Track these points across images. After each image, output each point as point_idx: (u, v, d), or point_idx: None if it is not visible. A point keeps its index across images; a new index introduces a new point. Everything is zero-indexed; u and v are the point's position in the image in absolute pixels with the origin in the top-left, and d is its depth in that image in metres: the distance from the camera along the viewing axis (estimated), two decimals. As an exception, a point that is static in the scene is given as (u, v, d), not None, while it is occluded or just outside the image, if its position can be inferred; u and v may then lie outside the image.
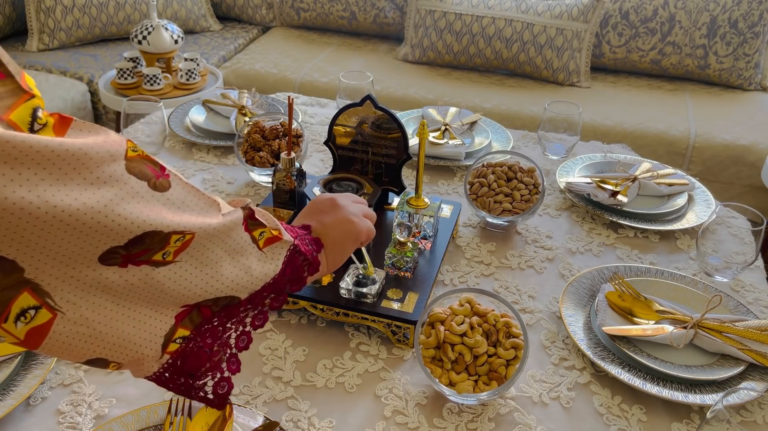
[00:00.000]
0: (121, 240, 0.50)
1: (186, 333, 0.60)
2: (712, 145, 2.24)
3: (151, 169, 0.54)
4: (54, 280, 0.49)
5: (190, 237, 0.56)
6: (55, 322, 0.51)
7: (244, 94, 1.55)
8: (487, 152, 1.39)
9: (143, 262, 0.54)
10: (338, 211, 0.78)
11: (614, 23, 2.60)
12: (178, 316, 0.59)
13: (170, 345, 0.59)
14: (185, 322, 0.60)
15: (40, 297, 0.49)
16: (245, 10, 3.12)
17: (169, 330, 0.59)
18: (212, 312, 0.61)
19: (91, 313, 0.53)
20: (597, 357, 0.90)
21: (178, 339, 0.60)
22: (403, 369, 0.89)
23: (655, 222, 1.22)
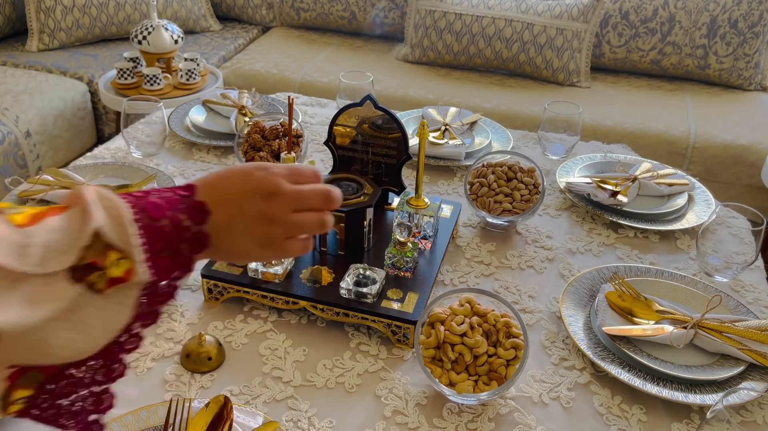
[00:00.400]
0: None
1: (29, 393, 0.47)
2: (712, 145, 2.24)
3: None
4: None
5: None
6: None
7: (244, 94, 1.55)
8: (487, 152, 1.39)
9: None
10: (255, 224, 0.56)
11: (614, 23, 2.60)
12: (11, 377, 0.46)
13: (10, 407, 0.47)
14: (23, 381, 0.46)
15: None
16: (245, 10, 3.12)
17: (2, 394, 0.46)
18: (57, 368, 0.47)
19: None
20: (597, 357, 0.90)
21: (18, 400, 0.47)
22: (403, 369, 0.89)
23: (655, 222, 1.22)
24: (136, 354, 0.89)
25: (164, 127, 1.37)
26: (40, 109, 2.33)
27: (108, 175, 1.26)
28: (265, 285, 0.95)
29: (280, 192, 0.56)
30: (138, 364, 0.87)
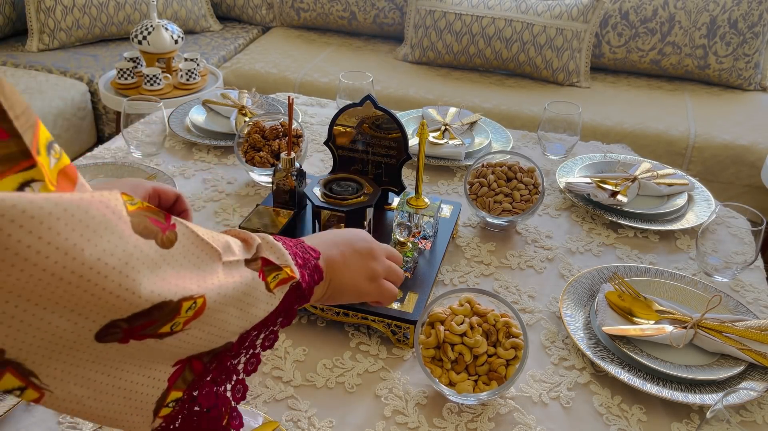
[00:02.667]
0: (124, 313, 0.44)
1: (179, 395, 0.54)
2: (712, 145, 2.24)
3: (154, 222, 0.46)
4: (40, 358, 0.43)
5: (202, 303, 0.49)
6: (43, 400, 0.46)
7: (244, 94, 1.55)
8: (487, 152, 1.39)
9: (147, 336, 0.47)
10: (365, 260, 0.72)
11: (614, 23, 2.60)
12: (171, 378, 0.53)
13: (162, 410, 0.53)
14: (178, 383, 0.53)
15: (24, 378, 0.44)
16: (245, 10, 3.12)
17: (161, 395, 0.52)
18: (203, 364, 0.55)
19: (79, 389, 0.47)
20: (597, 357, 0.90)
21: (170, 403, 0.53)
22: (403, 369, 0.89)
23: (655, 222, 1.22)
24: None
25: (164, 127, 1.37)
26: (40, 109, 2.33)
27: (108, 175, 1.26)
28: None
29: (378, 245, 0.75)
30: (138, 364, 0.87)
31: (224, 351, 0.56)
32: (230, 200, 1.24)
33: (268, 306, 0.58)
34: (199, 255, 0.50)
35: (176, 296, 0.47)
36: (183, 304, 0.48)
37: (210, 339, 0.53)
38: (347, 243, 0.71)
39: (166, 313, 0.47)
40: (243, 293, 0.54)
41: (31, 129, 0.42)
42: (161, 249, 0.46)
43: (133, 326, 0.45)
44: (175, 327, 0.48)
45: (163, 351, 0.50)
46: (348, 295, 0.72)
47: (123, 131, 1.36)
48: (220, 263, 0.53)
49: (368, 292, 0.73)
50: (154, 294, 0.45)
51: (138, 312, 0.44)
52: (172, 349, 0.51)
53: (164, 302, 0.46)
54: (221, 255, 0.53)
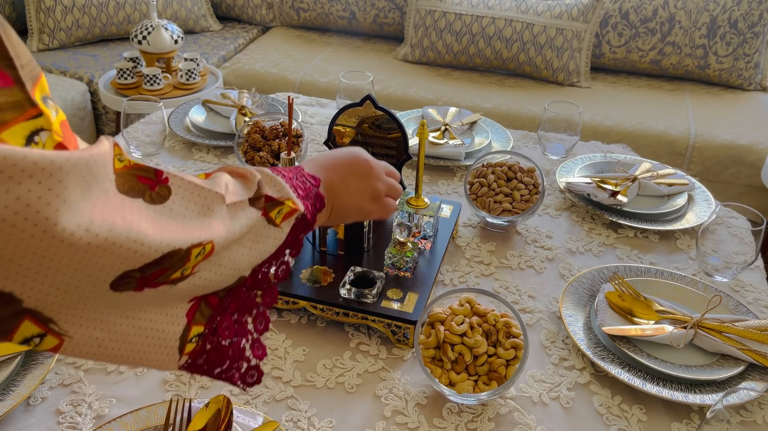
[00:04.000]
0: (136, 264, 0.45)
1: (200, 330, 0.56)
2: (712, 145, 2.24)
3: (142, 180, 0.47)
4: (58, 307, 0.44)
5: (210, 248, 0.51)
6: (63, 346, 0.47)
7: (244, 94, 1.55)
8: (487, 152, 1.39)
9: (161, 283, 0.48)
10: (366, 180, 0.73)
11: (614, 23, 2.60)
12: (189, 313, 0.54)
13: (187, 346, 0.55)
14: (197, 318, 0.55)
15: (43, 324, 0.44)
16: (245, 10, 3.12)
17: (182, 332, 0.54)
18: (218, 298, 0.57)
19: (99, 332, 0.48)
20: (597, 357, 0.90)
21: (193, 338, 0.55)
22: (403, 369, 0.89)
23: (655, 222, 1.22)
24: (136, 354, 0.88)
25: (164, 127, 1.37)
26: (40, 109, 2.33)
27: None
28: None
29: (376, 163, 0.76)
30: (138, 364, 0.87)
31: (238, 286, 0.57)
32: (230, 200, 1.24)
33: (276, 240, 0.60)
34: (201, 203, 0.51)
35: (185, 244, 0.48)
36: (192, 251, 0.49)
37: (221, 279, 0.55)
38: (347, 165, 0.72)
39: (176, 261, 0.48)
40: (250, 232, 0.56)
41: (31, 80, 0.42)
42: (153, 205, 0.47)
43: (146, 275, 0.46)
44: (185, 271, 0.50)
45: (177, 294, 0.51)
46: (352, 216, 0.74)
47: (123, 131, 1.36)
48: (224, 205, 0.54)
49: (371, 211, 0.75)
50: (162, 244, 0.46)
51: (149, 262, 0.45)
52: (186, 291, 0.52)
53: (174, 251, 0.47)
54: (224, 197, 0.54)
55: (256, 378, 0.62)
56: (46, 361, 0.84)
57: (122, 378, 0.85)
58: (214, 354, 0.58)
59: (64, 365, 0.87)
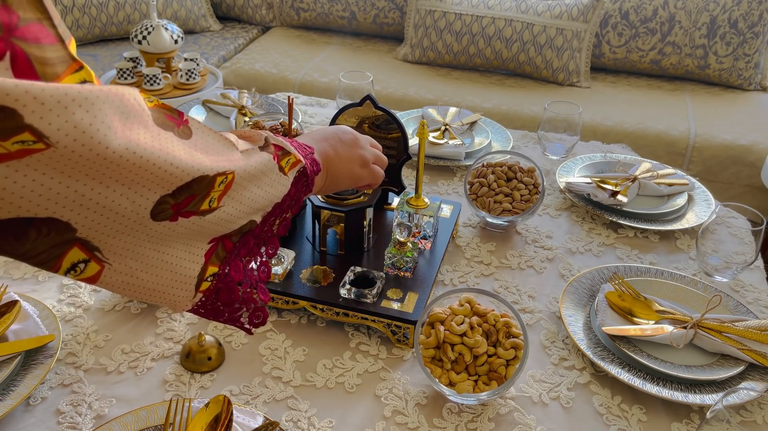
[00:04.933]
0: (170, 187, 0.51)
1: (215, 270, 0.61)
2: (712, 145, 2.24)
3: (170, 118, 0.53)
4: (105, 237, 0.50)
5: (231, 178, 0.57)
6: (103, 273, 0.52)
7: (244, 94, 1.55)
8: (487, 152, 1.39)
9: (192, 213, 0.54)
10: (354, 148, 0.79)
11: (614, 23, 2.60)
12: (207, 254, 0.60)
13: (203, 284, 0.60)
14: (213, 259, 0.61)
15: (90, 252, 0.50)
16: (245, 10, 3.12)
17: (200, 270, 0.60)
18: (233, 243, 0.62)
19: (135, 262, 0.54)
20: (597, 357, 0.90)
21: (209, 277, 0.61)
22: (403, 369, 0.89)
23: (655, 222, 1.22)
24: (136, 354, 0.89)
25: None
26: (40, 109, 2.33)
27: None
28: (265, 285, 0.95)
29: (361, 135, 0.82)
30: (138, 364, 0.87)
31: (249, 231, 0.63)
32: (230, 200, 1.24)
33: (283, 187, 0.65)
34: (217, 143, 0.57)
35: (212, 171, 0.54)
36: (217, 179, 0.55)
37: (240, 216, 0.60)
38: (334, 136, 0.79)
39: (203, 186, 0.53)
40: (262, 172, 0.61)
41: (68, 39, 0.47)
42: (181, 139, 0.52)
43: (178, 201, 0.52)
44: (212, 203, 0.56)
45: (204, 228, 0.57)
46: (345, 182, 0.80)
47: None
48: (238, 151, 0.59)
49: (362, 176, 0.81)
50: (193, 168, 0.52)
51: (181, 185, 0.51)
52: (211, 226, 0.58)
53: (202, 176, 0.53)
54: (236, 145, 0.60)
55: (262, 319, 0.67)
56: (46, 361, 0.84)
57: (122, 378, 0.85)
58: (225, 294, 0.63)
59: (64, 365, 0.87)
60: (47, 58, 0.45)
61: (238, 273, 0.64)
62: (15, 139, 0.41)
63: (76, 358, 0.88)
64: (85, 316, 0.95)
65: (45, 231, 0.46)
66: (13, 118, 0.40)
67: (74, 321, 0.94)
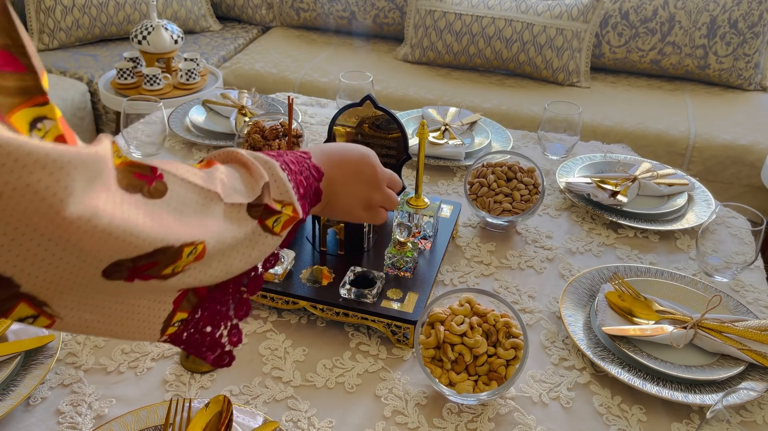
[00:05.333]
0: (129, 255, 0.46)
1: (184, 316, 0.57)
2: (712, 145, 2.24)
3: (138, 176, 0.48)
4: (53, 292, 0.46)
5: (202, 249, 0.51)
6: (54, 326, 0.49)
7: (244, 94, 1.55)
8: (487, 152, 1.39)
9: (151, 277, 0.50)
10: (366, 187, 0.74)
11: (614, 23, 2.60)
12: (176, 300, 0.56)
13: (169, 329, 0.57)
14: (183, 305, 0.57)
15: (37, 307, 0.47)
16: (245, 10, 3.12)
17: (167, 316, 0.56)
18: (207, 289, 0.58)
19: (90, 315, 0.50)
20: (597, 357, 0.90)
21: (176, 322, 0.57)
22: (403, 369, 0.89)
23: (655, 222, 1.22)
24: (136, 354, 0.89)
25: (164, 127, 1.37)
26: (40, 109, 2.33)
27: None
28: (265, 285, 0.95)
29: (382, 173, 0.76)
30: (138, 364, 0.87)
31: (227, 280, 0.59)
32: (230, 200, 1.24)
33: (272, 247, 0.60)
34: (196, 200, 0.52)
35: (178, 241, 0.49)
36: (184, 249, 0.50)
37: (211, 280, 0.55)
38: (353, 166, 0.73)
39: (168, 256, 0.49)
40: (246, 240, 0.56)
41: (40, 71, 0.43)
42: (151, 200, 0.48)
43: (137, 266, 0.48)
44: (176, 269, 0.51)
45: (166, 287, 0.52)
46: (339, 215, 0.75)
47: (123, 131, 1.36)
48: (222, 204, 0.54)
49: (360, 218, 0.76)
50: (157, 239, 0.47)
51: (141, 254, 0.47)
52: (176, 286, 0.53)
53: (166, 246, 0.48)
54: (221, 196, 0.54)
55: (227, 361, 0.63)
56: (46, 361, 0.84)
57: (122, 378, 0.85)
58: (193, 339, 0.59)
59: (64, 365, 0.87)
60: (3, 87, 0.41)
61: (211, 318, 0.60)
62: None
63: (76, 358, 0.88)
64: (85, 316, 0.95)
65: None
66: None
67: (74, 321, 0.94)
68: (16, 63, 0.41)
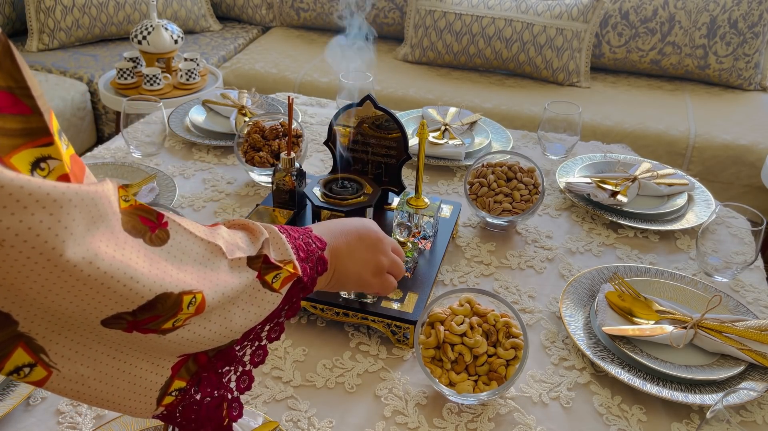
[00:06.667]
0: (130, 306, 0.46)
1: (182, 385, 0.55)
2: (712, 145, 2.24)
3: (144, 221, 0.48)
4: (50, 334, 0.46)
5: (201, 299, 0.51)
6: (50, 380, 0.48)
7: (244, 94, 1.55)
8: (487, 152, 1.39)
9: (150, 331, 0.49)
10: (372, 253, 0.74)
11: (614, 23, 2.60)
12: (175, 367, 0.54)
13: (165, 398, 0.55)
14: (181, 373, 0.55)
15: (35, 354, 0.46)
16: (245, 10, 3.12)
17: (164, 384, 0.54)
18: (208, 357, 0.56)
19: (86, 369, 0.49)
20: (597, 357, 0.90)
21: (174, 391, 0.55)
22: (403, 369, 0.89)
23: (655, 222, 1.22)
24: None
25: (164, 127, 1.37)
26: (40, 109, 2.33)
27: (108, 175, 1.26)
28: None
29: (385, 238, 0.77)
30: (138, 364, 0.87)
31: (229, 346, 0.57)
32: (230, 200, 1.24)
33: (272, 305, 0.59)
34: (197, 251, 0.52)
35: (177, 288, 0.48)
36: (184, 298, 0.49)
37: (212, 337, 0.54)
38: (356, 234, 0.72)
39: (168, 307, 0.48)
40: (245, 294, 0.56)
41: (47, 112, 0.43)
42: (151, 247, 0.48)
43: (138, 319, 0.47)
44: (177, 323, 0.50)
45: (165, 345, 0.51)
46: (351, 285, 0.74)
47: (123, 131, 1.36)
48: (226, 260, 0.54)
49: (371, 285, 0.75)
50: (156, 284, 0.46)
51: (142, 305, 0.46)
52: (175, 344, 0.52)
53: (165, 293, 0.47)
54: (224, 251, 0.54)
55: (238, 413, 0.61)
56: (46, 361, 0.84)
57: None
58: (190, 411, 0.57)
59: (64, 365, 0.87)
60: (3, 129, 0.41)
61: (211, 388, 0.58)
62: None
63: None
64: (85, 316, 0.95)
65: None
66: None
67: (74, 321, 0.94)
68: (19, 104, 0.41)
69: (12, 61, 0.41)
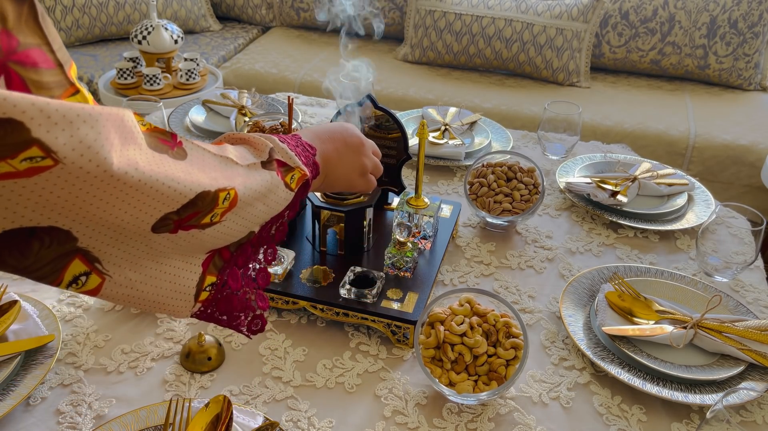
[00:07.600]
0: (175, 206, 0.52)
1: (213, 280, 0.62)
2: (712, 145, 2.24)
3: (163, 141, 0.53)
4: (105, 247, 0.51)
5: (234, 195, 0.57)
6: (104, 286, 0.53)
7: (244, 94, 1.55)
8: (487, 152, 1.39)
9: (192, 226, 0.55)
10: (357, 155, 0.79)
11: (614, 23, 2.60)
12: (204, 263, 0.61)
13: (201, 294, 0.61)
14: (210, 269, 0.62)
15: (90, 263, 0.51)
16: (245, 10, 3.12)
17: (198, 280, 0.61)
18: (230, 253, 0.63)
19: (134, 274, 0.55)
20: (597, 357, 0.90)
21: (207, 287, 0.62)
22: (403, 369, 0.89)
23: (655, 222, 1.22)
24: (136, 354, 0.89)
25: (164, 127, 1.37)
26: (40, 109, 2.32)
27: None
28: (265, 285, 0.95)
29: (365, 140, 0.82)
30: (138, 364, 0.87)
31: (247, 241, 0.64)
32: (230, 200, 1.24)
33: (285, 202, 0.66)
34: (215, 161, 0.58)
35: (213, 187, 0.55)
36: (219, 194, 0.56)
37: (240, 230, 0.61)
38: (341, 138, 0.78)
39: (207, 203, 0.54)
40: (266, 189, 0.62)
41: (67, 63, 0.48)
42: (176, 161, 0.53)
43: (181, 217, 0.53)
44: (214, 218, 0.57)
45: (202, 242, 0.58)
46: (339, 186, 0.80)
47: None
48: (239, 166, 0.60)
49: (357, 185, 0.81)
50: (194, 185, 0.53)
51: (185, 203, 0.52)
52: (210, 239, 0.58)
53: (204, 191, 0.54)
54: (236, 161, 0.60)
55: (260, 326, 0.68)
56: (46, 361, 0.84)
57: (122, 378, 0.85)
58: (224, 303, 0.64)
59: (64, 365, 0.87)
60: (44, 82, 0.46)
61: (236, 281, 0.65)
62: (23, 156, 0.40)
63: (76, 358, 0.88)
64: (85, 316, 0.95)
65: (47, 242, 0.47)
66: (20, 131, 0.40)
67: (74, 321, 0.94)
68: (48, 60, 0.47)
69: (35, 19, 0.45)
